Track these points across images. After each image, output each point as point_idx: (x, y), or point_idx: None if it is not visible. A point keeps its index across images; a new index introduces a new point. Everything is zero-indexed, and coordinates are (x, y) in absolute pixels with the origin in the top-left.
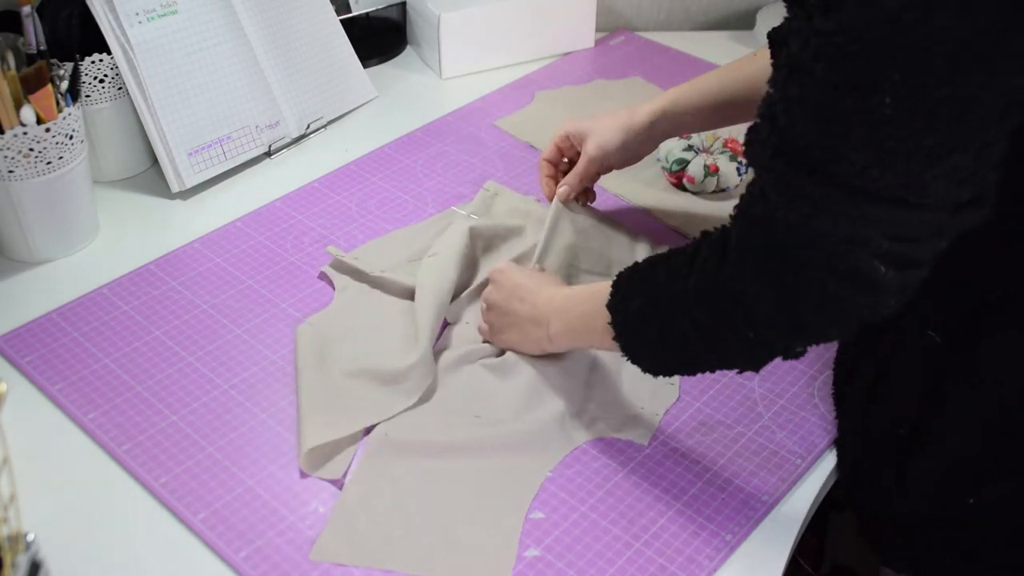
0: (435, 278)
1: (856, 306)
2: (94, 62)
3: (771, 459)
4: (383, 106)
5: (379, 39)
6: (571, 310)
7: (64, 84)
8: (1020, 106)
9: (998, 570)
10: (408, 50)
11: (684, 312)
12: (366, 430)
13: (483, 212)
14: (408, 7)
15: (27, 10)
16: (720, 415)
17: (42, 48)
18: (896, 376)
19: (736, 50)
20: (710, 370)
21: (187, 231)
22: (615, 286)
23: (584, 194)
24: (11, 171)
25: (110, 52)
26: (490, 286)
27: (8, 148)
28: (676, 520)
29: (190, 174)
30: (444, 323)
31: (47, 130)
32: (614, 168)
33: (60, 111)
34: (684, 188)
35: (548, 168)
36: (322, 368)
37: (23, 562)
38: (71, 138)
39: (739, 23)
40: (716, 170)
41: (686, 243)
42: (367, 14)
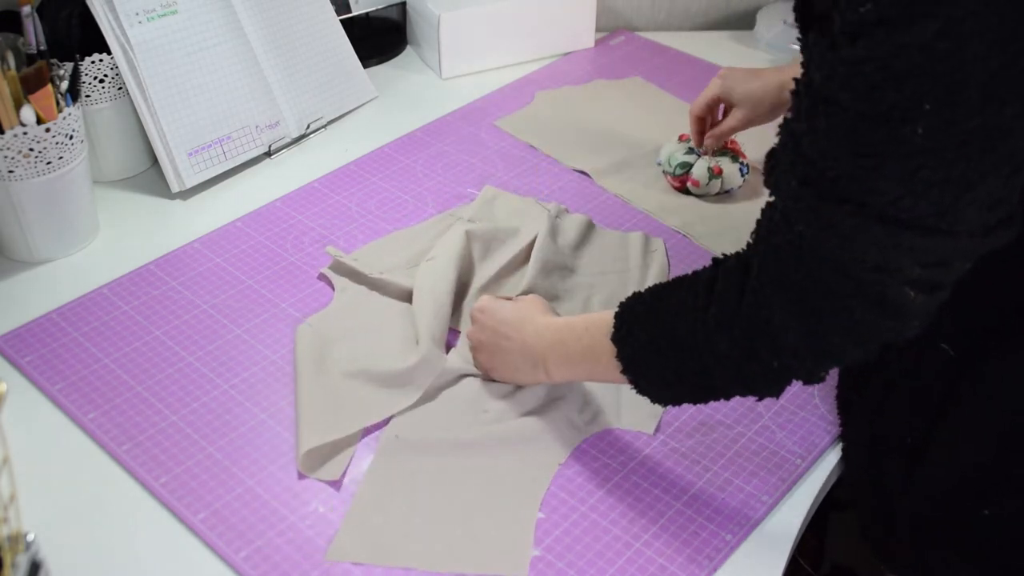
0: (433, 281)
1: (884, 329)
2: (94, 62)
3: (771, 459)
4: (383, 106)
5: (379, 39)
6: (569, 345)
7: (64, 84)
8: None
9: None
10: (408, 50)
11: (705, 344)
12: (365, 431)
13: (483, 216)
14: (408, 7)
15: (27, 10)
16: (720, 415)
17: (42, 48)
18: (907, 387)
19: (736, 50)
20: (726, 398)
21: (187, 231)
22: (619, 318)
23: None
24: (11, 171)
25: (110, 52)
26: (473, 326)
27: (8, 148)
28: (676, 520)
29: (190, 174)
30: (454, 332)
31: (47, 130)
32: (758, 123)
33: (60, 111)
34: (688, 191)
35: (698, 124)
36: (321, 369)
37: (23, 562)
38: (71, 138)
39: (739, 23)
40: (720, 172)
41: (691, 271)
42: (367, 14)
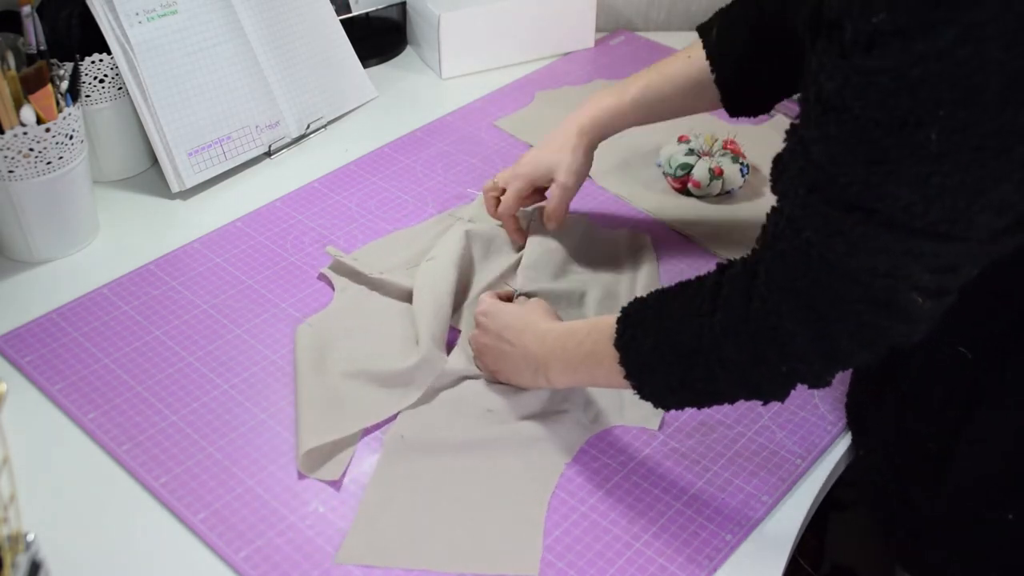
0: (433, 281)
1: (892, 333)
2: (94, 62)
3: (771, 459)
4: (383, 106)
5: (379, 39)
6: (570, 350)
7: (64, 84)
8: None
9: None
10: (408, 50)
11: (710, 349)
12: (365, 431)
13: (483, 216)
14: (408, 7)
15: (27, 10)
16: (720, 415)
17: (42, 48)
18: (927, 393)
19: None
20: (731, 402)
21: (187, 231)
22: (621, 323)
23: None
24: (11, 171)
25: (110, 52)
26: (477, 331)
27: (8, 148)
28: (676, 520)
29: (190, 174)
30: (455, 331)
31: (47, 130)
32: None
33: (60, 111)
34: (688, 192)
35: (514, 222)
36: (321, 369)
37: (23, 562)
38: (71, 138)
39: None
40: (721, 173)
41: (694, 276)
42: (367, 14)
